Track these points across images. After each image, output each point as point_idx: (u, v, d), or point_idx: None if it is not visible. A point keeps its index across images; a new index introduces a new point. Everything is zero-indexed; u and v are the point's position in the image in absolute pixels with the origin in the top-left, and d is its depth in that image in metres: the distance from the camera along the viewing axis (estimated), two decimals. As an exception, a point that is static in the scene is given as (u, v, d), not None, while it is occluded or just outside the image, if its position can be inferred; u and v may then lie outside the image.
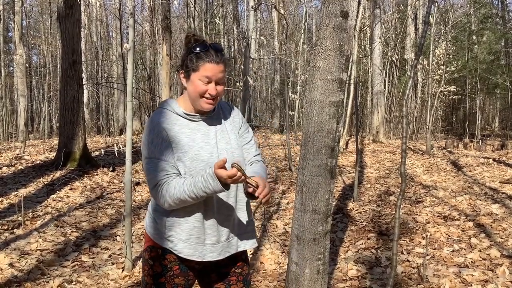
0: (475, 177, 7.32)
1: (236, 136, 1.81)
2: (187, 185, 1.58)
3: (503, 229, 4.44)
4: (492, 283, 3.25)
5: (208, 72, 1.64)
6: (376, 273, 3.60)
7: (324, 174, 2.19)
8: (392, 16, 17.02)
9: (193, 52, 1.66)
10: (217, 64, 1.65)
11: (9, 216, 5.02)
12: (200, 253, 1.71)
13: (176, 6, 21.29)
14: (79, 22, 7.99)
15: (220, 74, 1.66)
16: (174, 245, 1.71)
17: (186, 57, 1.69)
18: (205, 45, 1.66)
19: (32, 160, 8.33)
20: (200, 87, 1.66)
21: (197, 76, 1.65)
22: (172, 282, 1.74)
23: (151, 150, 1.65)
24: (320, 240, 2.24)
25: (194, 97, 1.68)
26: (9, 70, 21.39)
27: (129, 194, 3.70)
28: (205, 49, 1.65)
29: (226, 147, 1.74)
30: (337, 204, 5.76)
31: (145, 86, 19.16)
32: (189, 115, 1.73)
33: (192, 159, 1.66)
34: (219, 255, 1.73)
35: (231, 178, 1.50)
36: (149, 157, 1.66)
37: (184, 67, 1.69)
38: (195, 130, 1.72)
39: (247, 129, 1.89)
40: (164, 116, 1.71)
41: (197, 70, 1.65)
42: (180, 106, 1.74)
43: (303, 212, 2.24)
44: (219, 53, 1.67)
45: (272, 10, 19.67)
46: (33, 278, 3.49)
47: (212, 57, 1.64)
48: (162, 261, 1.73)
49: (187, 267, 1.76)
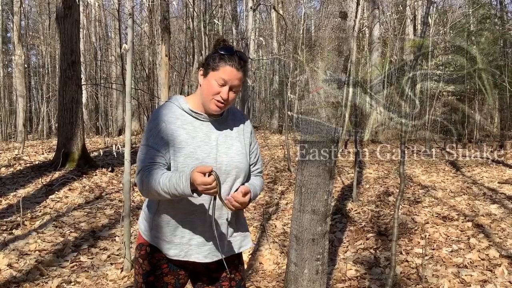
0: (474, 178, 7.32)
1: (241, 145, 1.79)
2: (164, 178, 1.56)
3: (502, 229, 4.44)
4: (491, 283, 3.25)
5: (226, 75, 1.64)
6: (375, 273, 3.60)
7: (323, 174, 2.19)
8: (391, 17, 17.04)
9: (217, 52, 1.67)
10: (237, 70, 1.65)
11: (7, 216, 5.02)
12: (186, 253, 1.71)
13: (175, 7, 21.30)
14: (78, 22, 7.99)
15: (236, 81, 1.66)
16: (161, 244, 1.71)
17: (210, 56, 1.70)
18: (231, 50, 1.67)
19: (31, 160, 8.32)
20: (214, 87, 1.66)
21: (214, 76, 1.65)
22: (161, 280, 1.73)
23: (147, 137, 1.68)
24: (319, 240, 2.25)
25: (205, 95, 1.68)
26: (8, 70, 21.38)
27: (128, 195, 3.70)
28: (230, 53, 1.66)
29: (227, 151, 1.73)
30: (336, 204, 5.76)
31: (144, 86, 19.14)
32: (195, 113, 1.72)
33: (186, 155, 1.65)
34: (205, 258, 1.72)
35: (204, 185, 1.47)
36: (143, 144, 1.68)
37: (205, 64, 1.70)
38: (198, 128, 1.71)
39: (256, 144, 1.89)
40: (168, 109, 1.72)
41: (216, 69, 1.65)
42: (187, 102, 1.74)
43: (302, 212, 2.24)
44: (242, 61, 1.67)
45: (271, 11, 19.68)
46: (32, 278, 3.49)
47: (234, 62, 1.65)
48: (150, 259, 1.74)
49: (177, 266, 1.75)
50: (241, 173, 1.74)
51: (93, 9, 20.76)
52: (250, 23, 9.72)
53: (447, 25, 13.86)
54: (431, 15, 11.50)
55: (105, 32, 23.08)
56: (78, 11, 8.09)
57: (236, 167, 1.73)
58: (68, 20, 7.71)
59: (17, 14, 14.66)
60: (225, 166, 1.70)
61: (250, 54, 10.33)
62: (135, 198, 6.18)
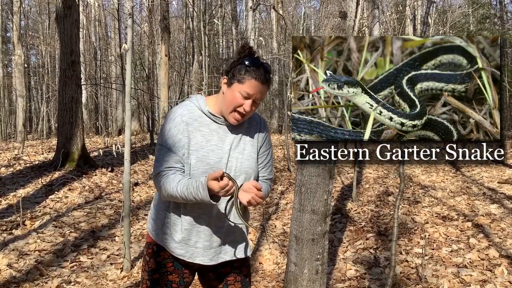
0: (474, 177, 7.33)
1: (253, 149, 1.78)
2: (181, 186, 1.59)
3: (502, 229, 4.45)
4: (490, 283, 3.25)
5: (251, 89, 1.63)
6: (374, 273, 3.60)
7: (323, 174, 2.19)
8: (391, 17, 17.04)
9: (244, 63, 1.64)
10: (263, 84, 1.64)
11: (7, 216, 5.02)
12: (191, 255, 1.73)
13: (175, 7, 21.31)
14: (77, 22, 7.98)
15: (261, 94, 1.65)
16: (168, 243, 1.73)
17: (235, 65, 1.66)
18: (258, 62, 1.64)
19: (31, 160, 8.31)
20: (237, 100, 1.64)
21: (239, 88, 1.63)
22: (165, 278, 1.75)
23: (165, 138, 1.68)
24: (319, 240, 2.25)
25: (227, 106, 1.67)
26: (7, 70, 21.36)
27: (127, 195, 3.70)
28: (257, 66, 1.64)
29: (238, 156, 1.73)
30: (336, 204, 5.76)
31: (143, 86, 19.14)
32: (214, 116, 1.72)
33: (198, 159, 1.66)
34: (210, 260, 1.74)
35: (223, 189, 1.51)
36: (161, 144, 1.69)
37: (230, 73, 1.67)
38: (214, 132, 1.71)
39: (268, 150, 1.85)
40: (187, 110, 1.71)
41: (241, 82, 1.63)
42: (207, 104, 1.73)
43: (302, 212, 2.24)
44: (267, 74, 1.66)
45: (271, 11, 19.68)
46: (32, 278, 3.49)
47: (260, 76, 1.63)
48: (157, 258, 1.76)
49: (182, 265, 1.77)
50: (250, 177, 1.75)
51: (92, 9, 20.75)
52: (250, 23, 9.73)
53: (447, 25, 13.85)
54: (431, 15, 11.50)
55: (105, 32, 23.08)
56: (78, 11, 8.09)
57: (245, 172, 1.73)
58: (68, 20, 7.70)
59: (16, 14, 14.66)
60: (234, 171, 1.71)
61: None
62: (135, 198, 6.18)
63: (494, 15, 18.83)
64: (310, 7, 21.52)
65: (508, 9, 20.18)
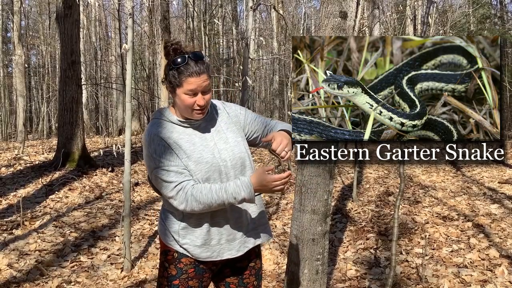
0: (474, 177, 7.32)
1: (234, 134, 1.79)
2: (216, 191, 1.60)
3: (502, 229, 4.45)
4: (491, 283, 3.25)
5: (191, 85, 1.62)
6: (375, 273, 3.61)
7: (323, 174, 2.19)
8: (391, 17, 17.03)
9: (173, 67, 1.64)
10: (199, 75, 1.62)
11: (8, 216, 5.02)
12: (218, 253, 1.73)
13: (175, 7, 21.29)
14: (78, 22, 7.98)
15: (204, 83, 1.64)
16: (191, 251, 1.72)
17: (168, 71, 1.66)
18: (183, 58, 1.62)
19: (31, 160, 8.32)
20: (187, 101, 1.64)
21: (182, 91, 1.64)
22: (186, 284, 1.74)
23: (157, 160, 1.65)
24: (319, 240, 2.25)
25: (184, 109, 1.68)
26: (8, 70, 21.36)
27: (128, 195, 3.70)
28: (184, 62, 1.62)
29: (225, 146, 1.75)
30: (336, 204, 5.76)
31: (144, 86, 19.15)
32: (184, 122, 1.72)
33: (196, 162, 1.67)
34: (238, 252, 1.75)
35: (280, 181, 1.59)
36: (158, 167, 1.65)
37: (167, 82, 1.67)
38: (193, 135, 1.72)
39: (245, 113, 1.88)
40: (160, 126, 1.71)
41: (181, 85, 1.63)
42: (174, 114, 1.74)
43: (302, 212, 2.25)
44: (199, 63, 1.63)
45: (271, 11, 19.67)
46: (32, 278, 3.49)
47: (192, 69, 1.62)
48: (177, 264, 1.74)
49: (203, 270, 1.76)
50: (245, 161, 1.77)
51: (93, 9, 20.76)
52: (250, 23, 9.71)
53: (447, 25, 13.85)
54: (431, 15, 11.50)
55: (105, 32, 23.08)
56: (78, 11, 8.09)
57: (240, 158, 1.75)
58: (68, 20, 7.70)
59: (17, 14, 14.66)
60: (230, 160, 1.72)
61: (250, 54, 10.33)
62: (135, 198, 6.18)
63: (495, 15, 18.82)
64: (310, 7, 21.50)
65: (508, 9, 20.18)
